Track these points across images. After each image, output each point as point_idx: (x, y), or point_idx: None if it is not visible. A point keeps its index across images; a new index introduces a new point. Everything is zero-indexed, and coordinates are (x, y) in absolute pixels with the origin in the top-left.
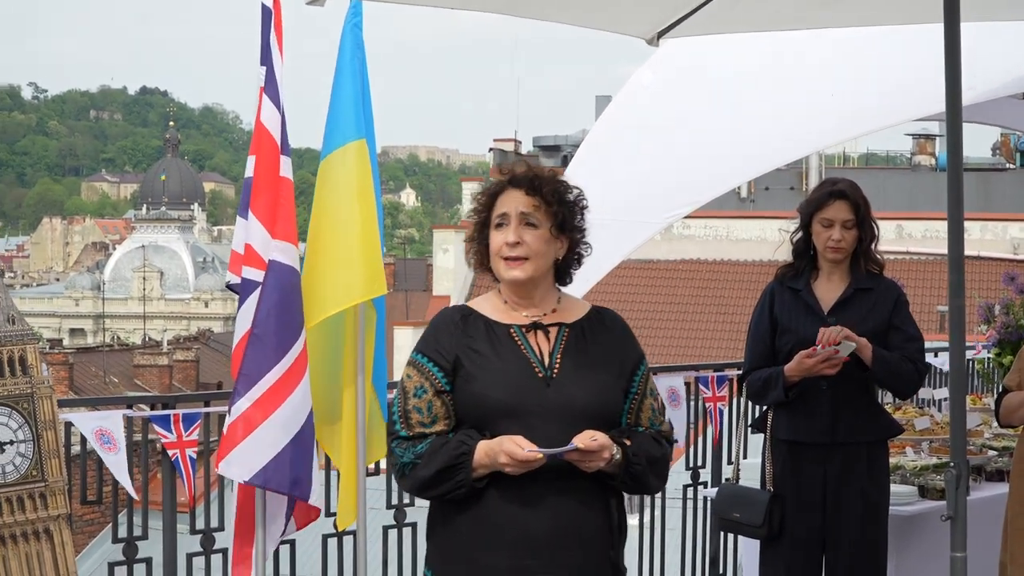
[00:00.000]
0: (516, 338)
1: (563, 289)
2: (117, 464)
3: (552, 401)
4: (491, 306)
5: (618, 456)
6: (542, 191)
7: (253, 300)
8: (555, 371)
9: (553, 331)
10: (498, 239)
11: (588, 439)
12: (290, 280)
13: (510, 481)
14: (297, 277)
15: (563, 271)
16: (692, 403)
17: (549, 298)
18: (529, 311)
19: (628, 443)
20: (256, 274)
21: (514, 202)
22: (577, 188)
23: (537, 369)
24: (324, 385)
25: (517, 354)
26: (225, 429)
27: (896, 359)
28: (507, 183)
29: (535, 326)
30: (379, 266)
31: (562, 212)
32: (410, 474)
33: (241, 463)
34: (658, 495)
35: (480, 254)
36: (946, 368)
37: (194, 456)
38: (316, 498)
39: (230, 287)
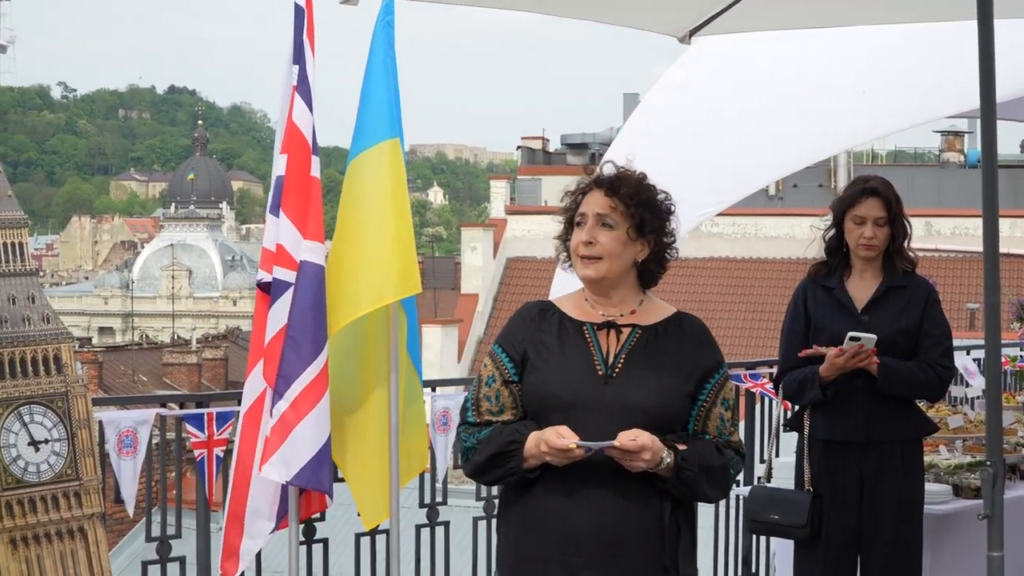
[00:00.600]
0: (586, 335)
1: (649, 292)
2: (130, 471)
3: (608, 399)
4: (572, 303)
5: (669, 460)
6: (619, 192)
7: (286, 299)
8: (616, 370)
9: (626, 331)
10: (576, 237)
11: (628, 438)
12: (321, 280)
13: (558, 476)
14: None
15: (647, 274)
16: None
17: (630, 299)
18: (607, 310)
19: (681, 448)
20: (287, 274)
21: (593, 202)
22: (664, 192)
23: (598, 367)
24: (337, 386)
25: (582, 351)
26: (268, 431)
27: (907, 368)
28: (592, 183)
29: (608, 325)
30: (413, 265)
31: (641, 214)
32: (470, 459)
33: (284, 463)
34: None
35: (568, 251)
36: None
37: (221, 455)
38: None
39: (260, 285)
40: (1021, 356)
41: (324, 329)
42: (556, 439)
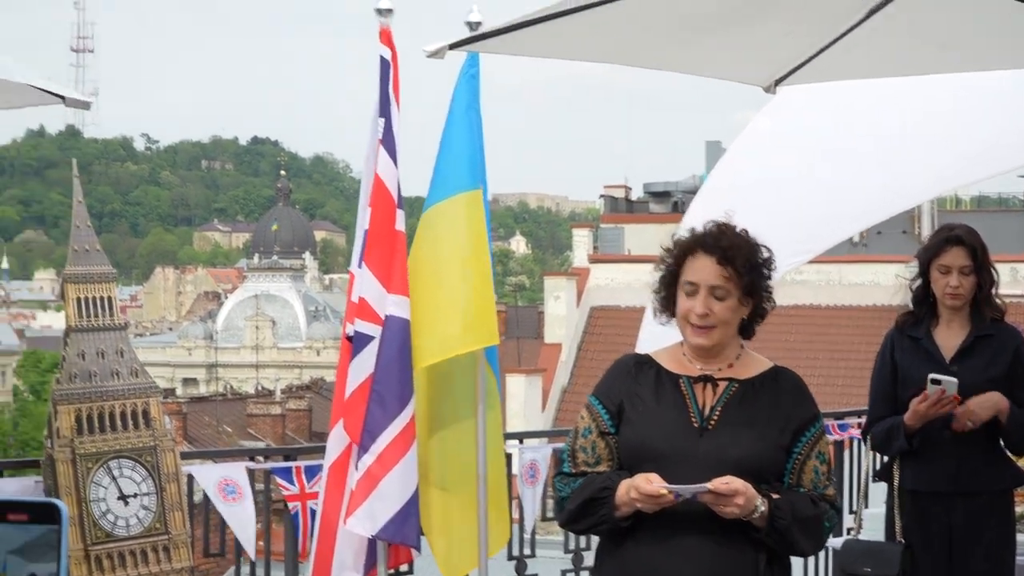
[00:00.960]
0: (683, 388)
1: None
2: (240, 517)
3: (703, 451)
4: (669, 356)
5: (763, 508)
6: (735, 263)
7: (367, 353)
8: (711, 423)
9: (722, 385)
10: (686, 305)
11: (721, 482)
12: (407, 333)
13: (651, 525)
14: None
15: (747, 327)
16: None
17: (729, 354)
18: (705, 364)
19: (775, 497)
20: (369, 328)
21: (705, 272)
22: (766, 248)
23: (693, 419)
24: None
25: (678, 403)
26: (354, 484)
27: None
28: (699, 247)
29: (705, 379)
30: (492, 315)
31: (751, 278)
32: (564, 508)
33: (369, 517)
34: None
35: (664, 304)
36: None
37: (315, 508)
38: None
39: (348, 338)
40: None
41: (410, 383)
42: (646, 484)
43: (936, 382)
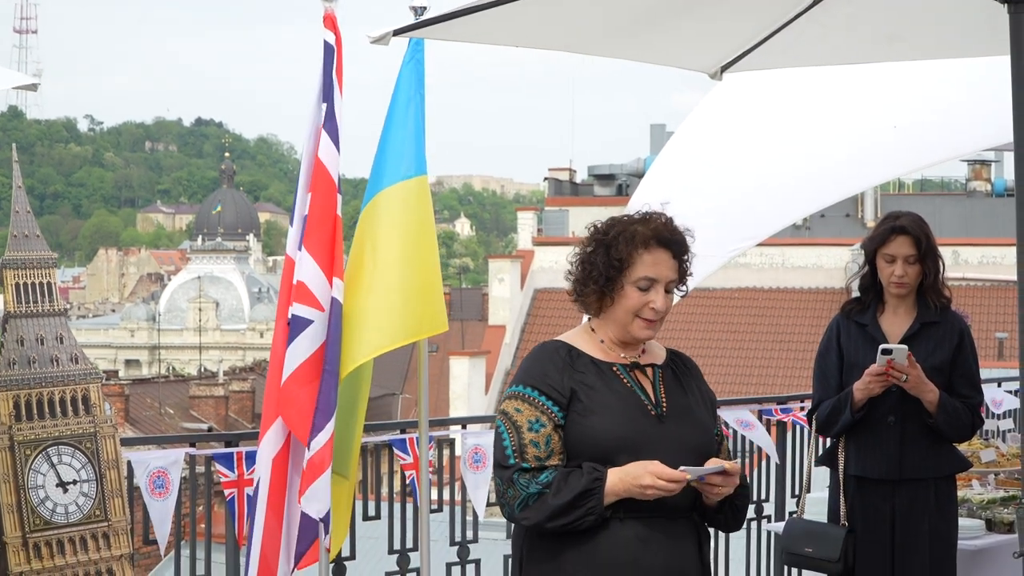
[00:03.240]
0: (621, 376)
1: None
2: (162, 512)
3: (665, 437)
4: (588, 343)
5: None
6: (683, 257)
7: (304, 338)
8: (664, 408)
9: (649, 371)
10: (640, 299)
11: (733, 465)
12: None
13: (616, 519)
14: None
15: None
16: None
17: None
18: (625, 352)
19: None
20: (308, 312)
21: (663, 267)
22: (688, 229)
23: (649, 407)
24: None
25: (628, 392)
26: (305, 464)
27: (959, 410)
28: (654, 241)
29: (635, 366)
30: (441, 303)
31: (686, 268)
32: (536, 504)
33: (321, 498)
34: None
35: (599, 294)
36: (1009, 399)
37: (251, 494)
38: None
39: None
40: None
41: None
42: (667, 470)
43: (887, 352)
